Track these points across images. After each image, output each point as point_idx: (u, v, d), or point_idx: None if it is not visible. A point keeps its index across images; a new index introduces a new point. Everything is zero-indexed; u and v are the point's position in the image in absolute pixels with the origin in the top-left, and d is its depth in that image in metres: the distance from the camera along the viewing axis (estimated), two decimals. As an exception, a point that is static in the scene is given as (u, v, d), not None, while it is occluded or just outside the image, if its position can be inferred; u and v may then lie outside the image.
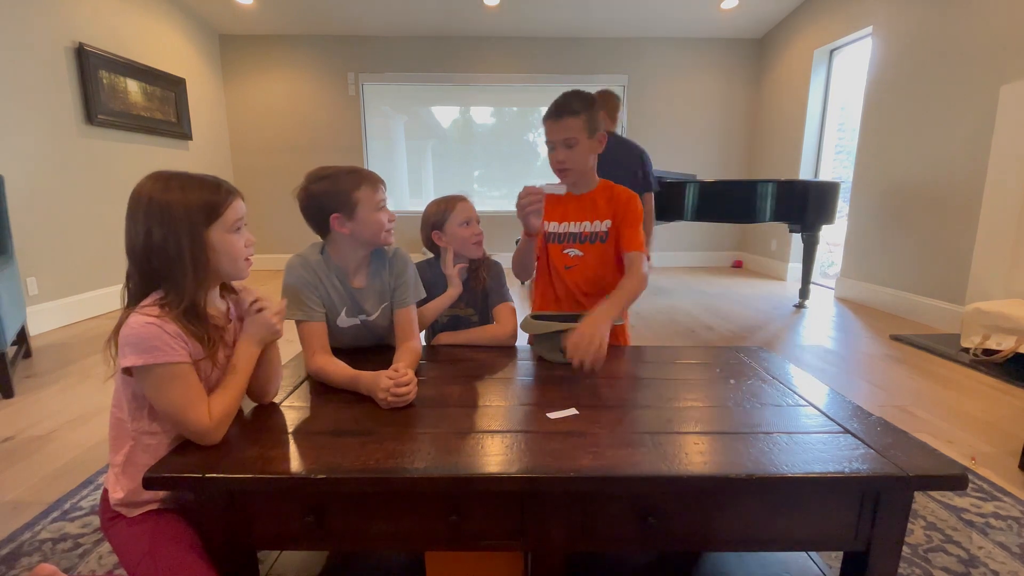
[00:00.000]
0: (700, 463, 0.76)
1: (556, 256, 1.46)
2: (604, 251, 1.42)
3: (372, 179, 1.16)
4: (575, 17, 4.92)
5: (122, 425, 0.85)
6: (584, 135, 1.32)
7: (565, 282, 1.46)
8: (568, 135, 1.31)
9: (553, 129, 1.32)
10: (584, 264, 1.43)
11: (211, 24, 5.00)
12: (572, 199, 1.45)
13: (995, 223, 2.70)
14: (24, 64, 3.00)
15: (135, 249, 0.82)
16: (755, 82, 5.50)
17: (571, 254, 1.44)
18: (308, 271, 1.15)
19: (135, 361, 0.77)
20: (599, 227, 1.41)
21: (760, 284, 4.77)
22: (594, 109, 1.32)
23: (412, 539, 0.82)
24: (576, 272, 1.44)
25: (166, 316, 0.80)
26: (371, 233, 1.16)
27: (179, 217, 0.81)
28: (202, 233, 0.83)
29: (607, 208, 1.41)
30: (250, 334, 0.92)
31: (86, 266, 3.36)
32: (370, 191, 1.14)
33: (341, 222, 1.14)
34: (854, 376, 2.33)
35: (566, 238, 1.45)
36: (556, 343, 1.21)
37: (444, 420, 0.92)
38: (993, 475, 1.49)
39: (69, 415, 1.91)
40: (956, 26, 3.06)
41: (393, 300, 1.25)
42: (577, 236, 1.43)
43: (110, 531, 0.86)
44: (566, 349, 1.08)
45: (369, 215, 1.14)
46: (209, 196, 0.84)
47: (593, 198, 1.43)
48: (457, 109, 5.67)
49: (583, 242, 1.43)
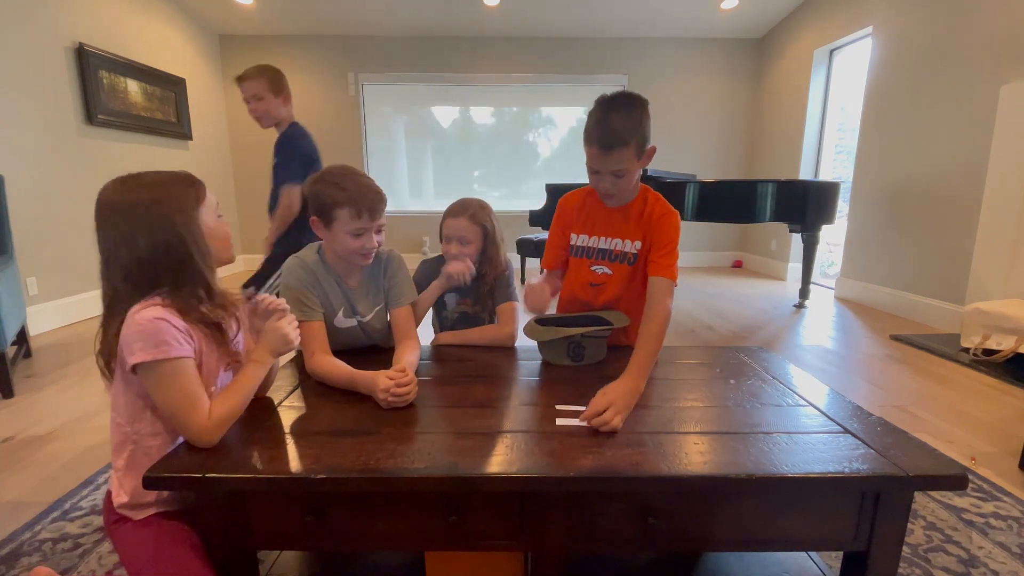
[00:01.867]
0: (700, 463, 0.76)
1: (583, 272, 1.35)
2: (632, 274, 1.30)
3: (357, 204, 1.09)
4: (575, 17, 4.92)
5: (122, 429, 0.85)
6: (634, 162, 1.16)
7: (589, 300, 1.36)
8: (617, 168, 1.15)
9: (600, 160, 1.15)
10: (612, 284, 1.32)
11: (211, 24, 5.00)
12: (603, 212, 1.31)
13: (995, 223, 2.70)
14: (24, 64, 3.00)
15: (121, 261, 0.80)
16: (755, 82, 5.50)
17: (599, 271, 1.32)
18: (306, 271, 1.15)
19: (144, 357, 0.76)
20: (628, 247, 1.28)
21: (760, 284, 4.76)
22: (643, 126, 1.14)
23: (412, 539, 0.82)
24: (602, 292, 1.33)
25: (171, 310, 0.81)
26: (342, 251, 1.14)
27: (173, 210, 0.81)
28: (196, 218, 0.84)
29: (638, 226, 1.27)
30: (267, 345, 0.92)
31: (86, 266, 3.35)
32: (349, 216, 1.09)
33: (318, 227, 1.15)
34: (854, 376, 2.33)
35: (595, 253, 1.33)
36: (562, 348, 1.21)
37: (444, 420, 0.92)
38: (993, 475, 1.49)
39: (69, 415, 1.91)
40: (956, 26, 3.06)
41: (388, 300, 1.26)
42: (607, 253, 1.31)
43: (115, 534, 0.86)
44: (589, 407, 0.91)
45: (341, 235, 1.11)
46: (187, 185, 0.86)
47: (627, 213, 1.28)
48: (457, 109, 5.67)
49: (613, 260, 1.31)
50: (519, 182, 5.81)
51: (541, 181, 5.10)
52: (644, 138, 1.15)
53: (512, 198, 5.79)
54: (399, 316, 1.24)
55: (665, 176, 3.72)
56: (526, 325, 1.25)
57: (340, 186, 1.10)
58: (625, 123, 1.11)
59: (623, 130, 1.11)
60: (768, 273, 5.32)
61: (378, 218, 1.13)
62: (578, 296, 1.39)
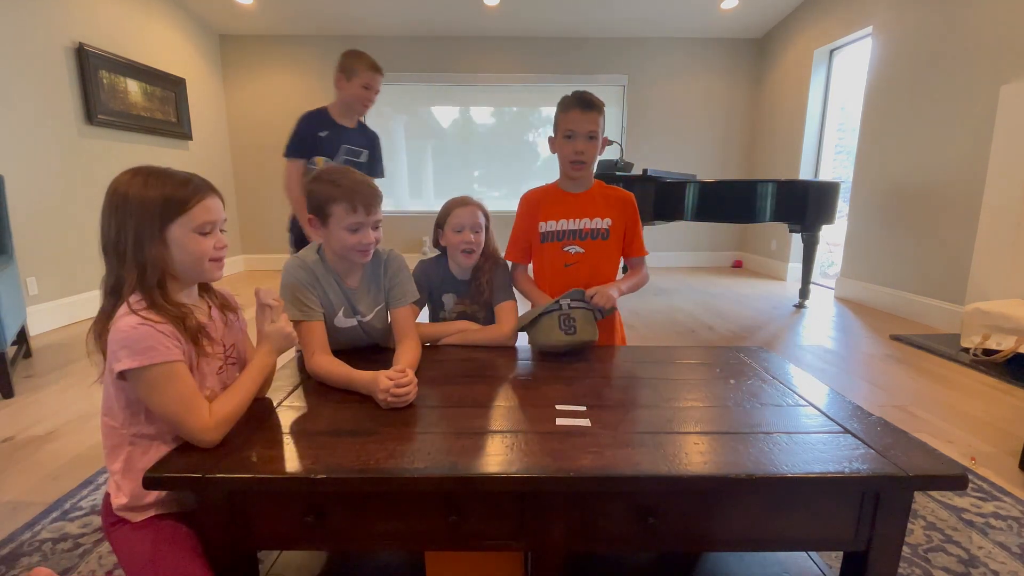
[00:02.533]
0: (700, 463, 0.76)
1: (554, 255, 1.47)
2: (606, 248, 1.45)
3: (352, 199, 1.09)
4: (575, 17, 4.92)
5: (116, 432, 0.84)
6: (601, 130, 1.38)
7: (565, 280, 1.45)
8: (593, 128, 1.36)
9: (580, 120, 1.35)
10: (585, 261, 1.45)
11: (211, 24, 4.99)
12: (569, 197, 1.47)
13: (995, 223, 2.70)
14: (24, 64, 3.00)
15: (102, 242, 0.81)
16: (755, 82, 5.49)
17: (572, 251, 1.45)
18: (306, 271, 1.15)
19: (130, 364, 0.76)
20: (599, 224, 1.44)
21: (760, 284, 4.76)
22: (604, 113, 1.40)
23: (412, 539, 0.82)
24: (577, 269, 1.45)
25: (155, 313, 0.80)
26: (340, 248, 1.13)
27: (132, 211, 0.79)
28: (157, 228, 0.80)
29: (605, 206, 1.45)
30: (270, 344, 0.91)
31: (86, 266, 3.36)
32: (344, 211, 1.09)
33: (316, 226, 1.15)
34: (854, 376, 2.33)
35: (565, 235, 1.45)
36: (553, 323, 1.22)
37: (444, 420, 0.92)
38: (993, 475, 1.49)
39: (69, 415, 1.91)
40: (956, 26, 3.06)
41: (389, 300, 1.25)
42: (577, 233, 1.45)
43: (113, 536, 0.86)
44: (588, 296, 1.29)
45: (338, 231, 1.11)
46: (172, 192, 0.81)
47: (591, 196, 1.46)
48: (457, 109, 5.67)
49: (584, 239, 1.44)
50: (519, 182, 5.80)
51: (541, 181, 5.04)
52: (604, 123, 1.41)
53: (512, 198, 5.78)
54: (400, 316, 1.24)
55: (665, 176, 3.72)
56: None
57: (335, 183, 1.10)
58: (595, 97, 1.37)
59: (596, 100, 1.37)
60: (768, 273, 5.32)
61: (374, 212, 1.13)
62: (552, 279, 1.48)
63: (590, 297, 1.31)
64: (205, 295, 0.95)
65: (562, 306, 1.26)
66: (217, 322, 0.93)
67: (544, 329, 1.25)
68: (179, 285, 0.87)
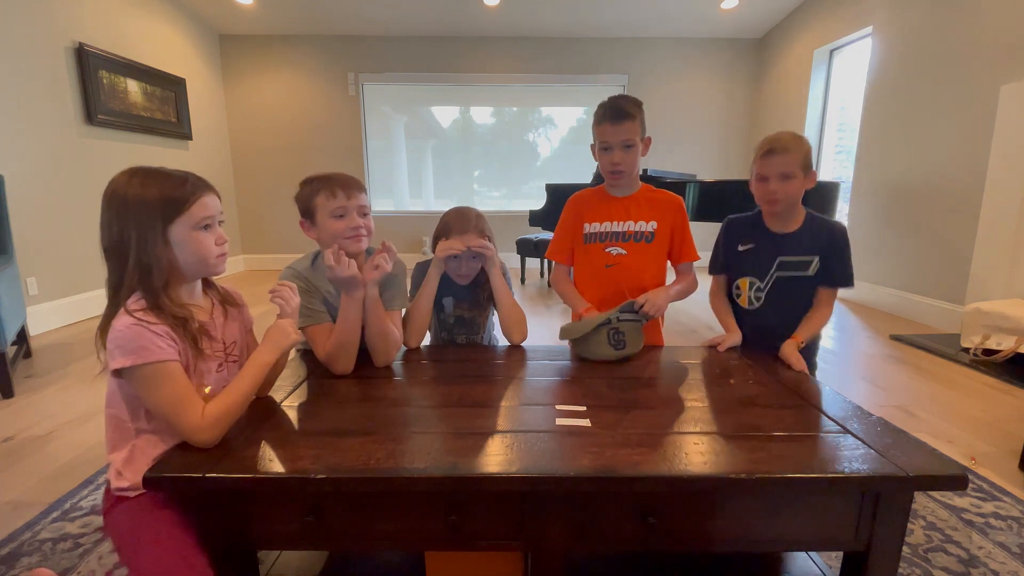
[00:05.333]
0: (700, 463, 0.76)
1: (596, 255, 1.46)
2: (650, 251, 1.44)
3: (330, 184, 1.13)
4: (575, 17, 4.92)
5: (123, 425, 0.85)
6: (639, 137, 1.36)
7: (608, 281, 1.45)
8: (627, 137, 1.34)
9: (613, 132, 1.34)
10: (628, 262, 1.44)
11: (211, 24, 5.00)
12: (614, 200, 1.46)
13: (995, 223, 2.70)
14: (24, 64, 3.00)
15: (104, 244, 0.82)
16: (755, 82, 5.49)
17: (613, 252, 1.45)
18: (300, 280, 1.16)
19: (123, 363, 0.77)
20: (644, 227, 1.44)
21: (760, 284, 4.76)
22: (642, 111, 1.37)
23: (412, 539, 0.82)
24: (619, 270, 1.44)
25: (152, 314, 0.80)
26: (331, 238, 1.14)
27: (133, 213, 0.80)
28: (159, 230, 0.81)
29: (651, 210, 1.45)
30: (271, 342, 0.91)
31: (86, 266, 3.36)
32: (325, 198, 1.13)
33: (308, 228, 1.18)
34: (854, 376, 2.33)
35: (607, 237, 1.45)
36: (602, 337, 1.23)
37: (444, 420, 0.92)
38: (993, 475, 1.49)
39: (69, 415, 1.91)
40: (956, 26, 3.06)
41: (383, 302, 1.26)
42: (620, 235, 1.44)
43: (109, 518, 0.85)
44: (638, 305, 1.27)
45: (325, 221, 1.14)
46: (171, 191, 0.82)
47: (636, 199, 1.45)
48: (457, 109, 5.67)
49: (627, 240, 1.44)
50: (519, 182, 5.80)
51: (541, 181, 5.10)
52: (644, 123, 1.37)
53: (512, 198, 5.79)
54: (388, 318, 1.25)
55: (665, 176, 3.71)
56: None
57: (312, 182, 1.16)
58: (630, 103, 1.35)
59: (629, 106, 1.34)
60: (768, 273, 5.32)
61: (355, 197, 1.15)
62: (592, 280, 1.48)
63: (639, 306, 1.28)
64: (208, 291, 0.95)
65: (611, 320, 1.24)
66: (218, 319, 0.93)
67: (592, 344, 1.24)
68: (184, 283, 0.88)
